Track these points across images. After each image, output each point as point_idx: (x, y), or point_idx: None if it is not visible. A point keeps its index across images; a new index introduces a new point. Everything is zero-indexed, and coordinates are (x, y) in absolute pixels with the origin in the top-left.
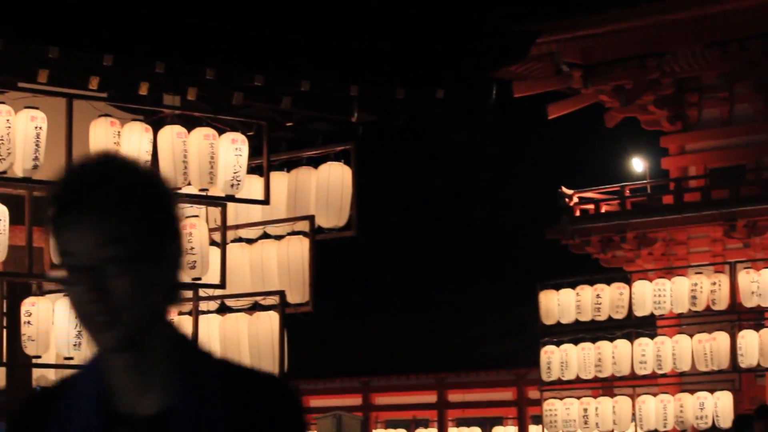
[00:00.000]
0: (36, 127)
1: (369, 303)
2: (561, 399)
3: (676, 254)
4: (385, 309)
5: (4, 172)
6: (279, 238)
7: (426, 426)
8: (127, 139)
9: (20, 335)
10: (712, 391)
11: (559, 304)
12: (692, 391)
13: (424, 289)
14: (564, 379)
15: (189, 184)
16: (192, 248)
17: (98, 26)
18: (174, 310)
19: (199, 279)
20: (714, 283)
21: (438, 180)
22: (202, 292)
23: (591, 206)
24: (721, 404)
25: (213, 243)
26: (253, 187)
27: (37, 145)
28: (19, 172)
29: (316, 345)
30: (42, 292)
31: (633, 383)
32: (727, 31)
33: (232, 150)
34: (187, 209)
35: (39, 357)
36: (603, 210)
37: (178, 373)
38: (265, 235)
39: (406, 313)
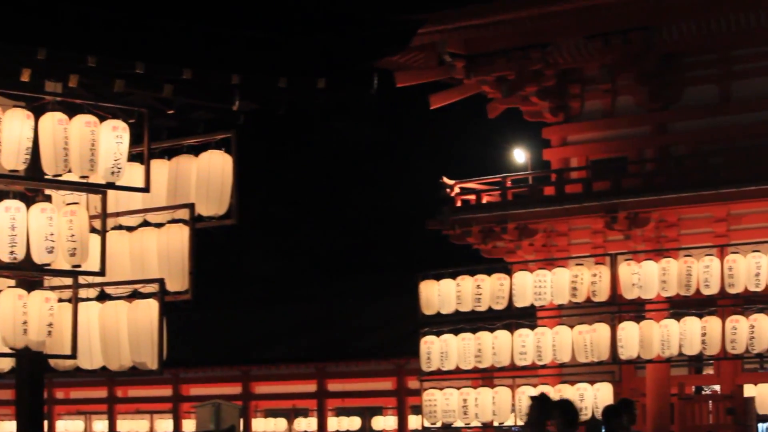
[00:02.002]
0: None
1: (249, 292)
2: (441, 389)
3: (557, 245)
4: (265, 298)
5: None
6: (159, 226)
7: (306, 415)
8: (9, 125)
9: None
10: (592, 383)
11: (440, 294)
12: (572, 383)
13: (305, 279)
14: (444, 369)
15: (69, 171)
16: (72, 235)
17: None
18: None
19: (79, 266)
20: (595, 275)
21: (320, 170)
22: (81, 279)
23: (472, 197)
24: (600, 395)
25: (93, 230)
26: (134, 174)
27: None
28: None
29: (196, 333)
30: None
31: (513, 374)
32: (610, 22)
33: (113, 137)
34: (67, 196)
35: None
36: (484, 201)
37: None
38: (146, 223)
39: (286, 302)
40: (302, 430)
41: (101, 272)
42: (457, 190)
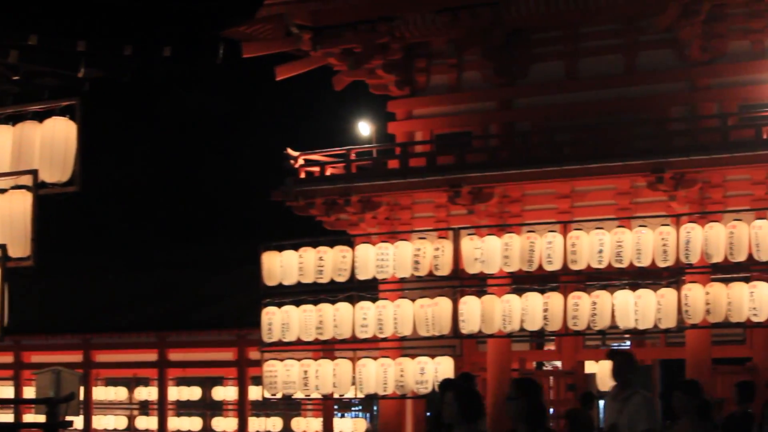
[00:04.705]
0: None
1: (93, 260)
2: (281, 360)
3: (400, 219)
4: (107, 266)
5: None
6: (2, 191)
7: (146, 384)
8: None
9: None
10: (433, 356)
11: (282, 265)
12: (413, 356)
13: (148, 248)
14: (285, 340)
15: None
16: None
17: None
18: None
19: None
20: (437, 249)
21: (167, 139)
22: None
23: (316, 169)
24: (441, 369)
25: None
26: None
27: None
28: None
29: (38, 300)
30: None
31: (354, 346)
32: None
33: None
34: None
35: None
36: (328, 173)
37: None
38: None
39: (128, 270)
40: (143, 399)
41: None
42: (301, 161)
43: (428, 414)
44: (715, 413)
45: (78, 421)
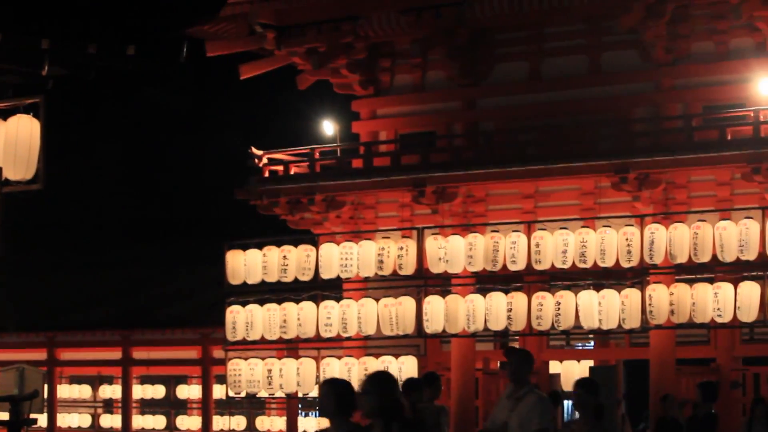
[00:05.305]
0: None
1: (56, 257)
2: (245, 359)
3: (364, 218)
4: (72, 264)
5: None
6: None
7: (110, 383)
8: None
9: None
10: (396, 356)
11: (246, 264)
12: (377, 355)
13: (112, 246)
14: (249, 339)
15: None
16: None
17: None
18: None
19: None
20: (401, 248)
21: (132, 137)
22: None
23: (280, 167)
24: (405, 369)
25: None
26: None
27: None
28: None
29: (1, 298)
30: None
31: (318, 345)
32: None
33: None
34: None
35: None
36: (292, 172)
37: None
38: None
39: (93, 268)
40: (107, 397)
41: None
42: (265, 160)
43: None
44: (680, 414)
45: (42, 419)
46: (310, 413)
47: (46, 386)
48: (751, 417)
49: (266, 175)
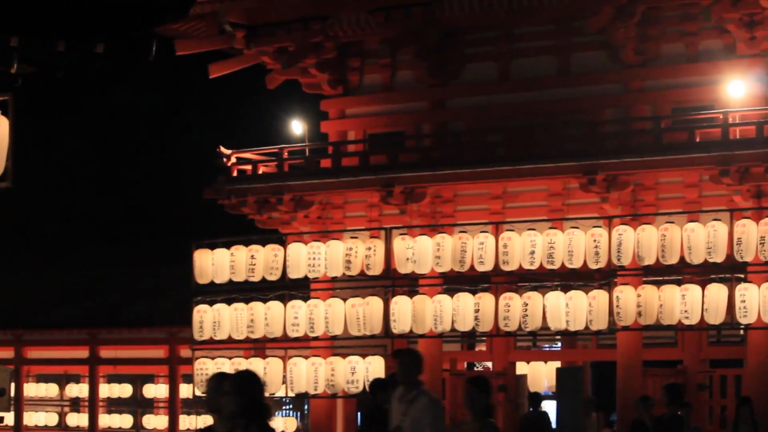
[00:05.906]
0: None
1: (22, 256)
2: (212, 359)
3: (332, 218)
4: (39, 262)
5: None
6: None
7: (77, 381)
8: None
9: None
10: (363, 356)
11: (213, 263)
12: (344, 355)
13: (80, 244)
14: (216, 338)
15: None
16: None
17: None
18: None
19: None
20: (369, 248)
21: (101, 136)
22: None
23: (249, 167)
24: (372, 369)
25: None
26: None
27: None
28: None
29: None
30: None
31: (285, 345)
32: None
33: None
34: None
35: None
36: (260, 171)
37: None
38: None
39: (60, 267)
40: (74, 395)
41: None
42: (233, 159)
43: (359, 414)
44: (647, 415)
45: (9, 418)
46: (276, 413)
47: (13, 384)
48: (736, 417)
49: (234, 174)
